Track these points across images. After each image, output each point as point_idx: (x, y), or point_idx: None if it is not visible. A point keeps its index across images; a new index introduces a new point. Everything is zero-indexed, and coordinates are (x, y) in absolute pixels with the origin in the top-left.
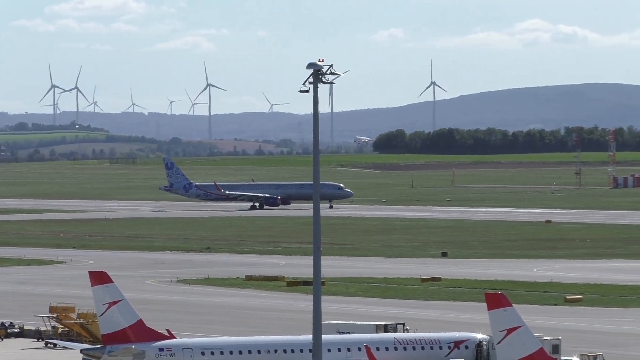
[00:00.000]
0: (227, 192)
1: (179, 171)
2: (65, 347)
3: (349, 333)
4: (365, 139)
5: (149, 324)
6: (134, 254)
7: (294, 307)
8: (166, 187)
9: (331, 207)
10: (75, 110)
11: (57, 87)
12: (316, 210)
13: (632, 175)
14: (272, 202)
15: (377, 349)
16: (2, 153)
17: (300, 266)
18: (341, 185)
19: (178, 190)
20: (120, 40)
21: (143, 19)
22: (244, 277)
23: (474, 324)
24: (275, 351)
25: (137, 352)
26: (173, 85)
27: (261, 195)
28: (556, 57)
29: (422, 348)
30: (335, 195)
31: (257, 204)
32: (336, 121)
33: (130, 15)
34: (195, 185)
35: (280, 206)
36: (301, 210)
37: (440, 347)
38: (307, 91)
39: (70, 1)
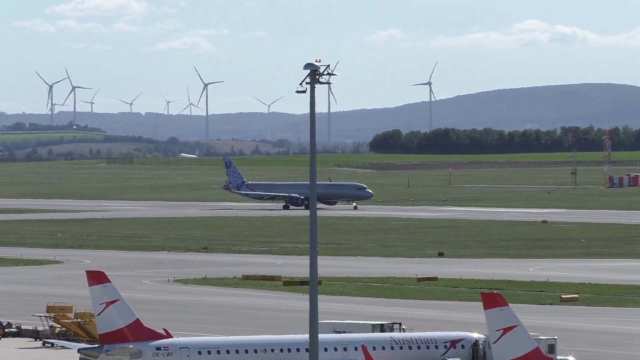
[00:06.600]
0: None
1: (236, 170)
2: (62, 347)
3: (345, 332)
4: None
5: (146, 323)
6: (132, 254)
7: (290, 307)
8: (225, 185)
9: (355, 207)
10: (73, 110)
11: (53, 87)
12: (313, 210)
13: (628, 174)
14: (295, 202)
15: (374, 348)
16: None
17: (296, 266)
18: (363, 185)
19: (233, 188)
20: (120, 41)
21: (143, 19)
22: (240, 276)
23: (470, 324)
24: (272, 350)
25: (135, 351)
26: (170, 85)
27: (287, 195)
28: (553, 57)
29: (419, 347)
30: (355, 196)
31: (288, 204)
32: (333, 121)
33: (131, 15)
34: (247, 184)
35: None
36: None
37: (437, 347)
38: (303, 91)
39: (71, 2)
